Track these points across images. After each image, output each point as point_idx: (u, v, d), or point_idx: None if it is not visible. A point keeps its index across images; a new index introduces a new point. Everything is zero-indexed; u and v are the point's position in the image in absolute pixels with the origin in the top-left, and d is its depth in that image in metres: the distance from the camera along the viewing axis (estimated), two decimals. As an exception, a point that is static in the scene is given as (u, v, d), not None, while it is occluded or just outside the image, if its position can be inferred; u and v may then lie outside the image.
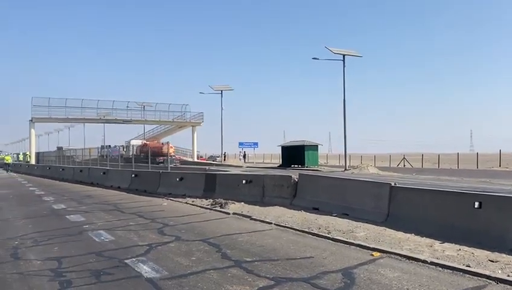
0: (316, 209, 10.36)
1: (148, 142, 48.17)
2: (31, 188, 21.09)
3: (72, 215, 11.12)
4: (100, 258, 6.64)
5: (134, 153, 34.20)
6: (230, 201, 11.97)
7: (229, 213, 10.85)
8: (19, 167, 45.62)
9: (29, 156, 52.66)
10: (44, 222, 10.34)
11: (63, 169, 29.66)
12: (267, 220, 9.53)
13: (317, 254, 6.64)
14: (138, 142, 50.38)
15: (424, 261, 6.06)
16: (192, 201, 13.19)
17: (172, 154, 36.92)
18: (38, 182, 26.22)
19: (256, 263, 6.18)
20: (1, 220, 10.81)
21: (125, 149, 37.66)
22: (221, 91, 51.01)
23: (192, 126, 62.93)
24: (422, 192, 8.66)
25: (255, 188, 12.53)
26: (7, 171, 43.73)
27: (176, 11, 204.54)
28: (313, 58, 35.36)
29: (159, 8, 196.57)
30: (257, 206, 11.47)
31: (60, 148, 55.10)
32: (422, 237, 7.51)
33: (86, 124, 61.58)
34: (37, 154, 51.67)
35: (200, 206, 12.28)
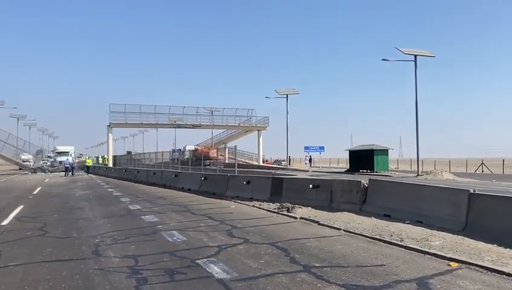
0: (387, 216, 10.01)
1: (198, 147, 52.69)
2: (109, 189, 22.42)
3: (146, 216, 11.67)
4: (173, 257, 6.89)
5: (188, 156, 37.11)
6: (297, 205, 11.93)
7: (296, 217, 10.80)
8: (98, 170, 48.75)
9: (107, 159, 56.11)
10: (122, 222, 10.94)
11: (137, 172, 31.25)
12: (336, 226, 9.36)
13: (389, 262, 6.40)
14: (191, 147, 56.12)
15: (509, 274, 5.62)
16: (259, 204, 13.30)
17: (218, 157, 39.61)
18: (115, 183, 27.83)
19: (325, 268, 6.09)
20: (83, 219, 11.60)
21: (181, 153, 40.99)
22: (287, 95, 51.05)
23: (258, 130, 63.67)
24: (506, 200, 8.04)
25: (323, 193, 12.38)
26: (87, 173, 47.01)
27: (246, 13, 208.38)
28: (382, 60, 34.26)
29: (235, 16, 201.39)
30: (325, 212, 11.32)
31: (129, 153, 58.14)
32: (505, 248, 6.98)
33: (158, 128, 64.53)
34: (114, 158, 54.96)
35: (267, 210, 12.36)
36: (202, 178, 19.04)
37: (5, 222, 11.02)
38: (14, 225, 10.68)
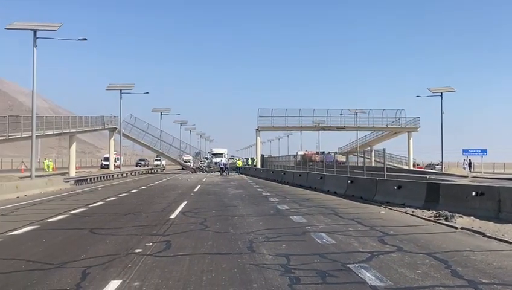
0: None
1: (306, 152, 57.68)
2: (258, 189, 23.61)
3: (295, 217, 11.94)
4: (323, 259, 6.89)
5: (299, 160, 42.37)
6: (456, 214, 10.86)
7: (456, 227, 9.84)
8: (248, 170, 51.77)
9: (256, 160, 59.19)
10: (272, 221, 11.39)
11: (284, 173, 32.28)
12: (506, 239, 8.25)
13: None
14: (302, 152, 61.18)
15: None
16: (412, 211, 12.49)
17: (317, 160, 41.06)
18: (263, 184, 29.20)
19: (495, 286, 5.40)
20: (238, 216, 12.40)
21: (294, 157, 47.28)
22: (441, 93, 47.05)
23: (408, 132, 59.99)
24: None
25: (488, 202, 11.03)
26: (238, 173, 50.52)
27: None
28: None
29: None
30: (491, 223, 10.06)
31: (262, 156, 60.11)
32: None
33: (302, 131, 65.67)
34: (262, 159, 57.75)
35: (421, 218, 11.54)
36: (349, 181, 18.72)
37: (173, 216, 12.43)
38: (180, 218, 11.97)
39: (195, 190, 23.67)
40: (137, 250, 7.65)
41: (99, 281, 5.71)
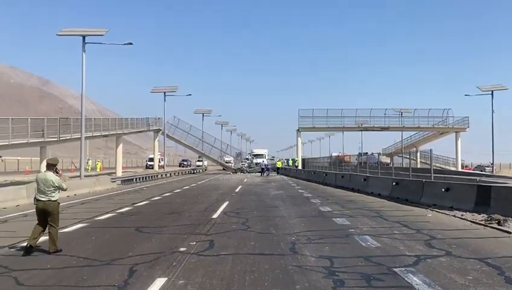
0: None
1: (339, 154, 56.75)
2: (299, 191, 23.47)
3: (337, 219, 11.76)
4: (368, 262, 6.74)
5: (333, 161, 42.72)
6: (510, 218, 10.34)
7: (509, 232, 9.34)
8: (289, 171, 51.59)
9: (297, 161, 58.91)
10: (314, 222, 11.28)
11: (325, 174, 31.92)
12: None
13: None
14: (335, 154, 60.15)
15: None
16: (461, 215, 11.99)
17: (351, 162, 40.65)
18: (304, 185, 28.99)
19: (555, 296, 5.08)
20: (279, 217, 12.37)
21: (329, 159, 47.96)
22: (492, 92, 44.96)
23: (456, 132, 57.75)
24: None
25: (545, 205, 10.41)
26: (278, 174, 50.54)
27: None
28: None
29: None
30: (548, 227, 9.50)
31: (303, 159, 59.55)
32: None
33: (344, 132, 64.71)
34: (303, 160, 57.40)
35: (471, 221, 11.05)
36: (393, 183, 18.24)
37: (215, 215, 12.58)
38: (222, 218, 12.09)
39: (237, 190, 23.85)
40: (182, 249, 7.80)
41: (145, 279, 5.86)
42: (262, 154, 70.29)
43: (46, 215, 7.63)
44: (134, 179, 32.66)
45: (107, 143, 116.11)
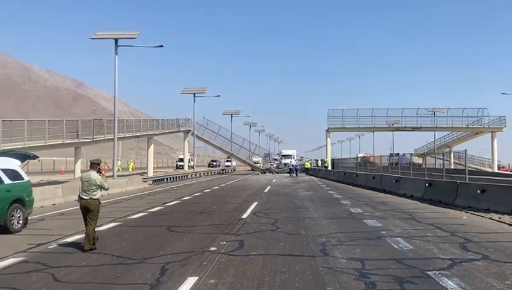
0: None
1: (366, 155, 57.27)
2: (329, 192, 23.24)
3: (368, 220, 11.57)
4: (400, 265, 6.61)
5: (359, 161, 42.29)
6: (551, 221, 9.92)
7: (550, 236, 8.98)
8: (318, 172, 51.16)
9: (327, 162, 58.40)
10: (345, 224, 11.14)
11: (356, 175, 31.48)
12: None
13: None
14: (361, 154, 60.57)
15: None
16: (499, 217, 11.59)
17: (376, 163, 39.46)
18: (334, 186, 28.69)
19: None
20: (309, 218, 12.29)
21: (355, 159, 47.26)
22: (530, 90, 43.25)
23: (491, 132, 55.84)
24: None
25: None
26: (307, 174, 50.31)
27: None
28: None
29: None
30: None
31: (332, 159, 58.89)
32: None
33: (375, 132, 63.67)
34: (332, 161, 56.82)
35: (509, 224, 10.67)
36: (426, 184, 17.80)
37: (244, 215, 12.62)
38: (251, 218, 12.12)
39: (266, 190, 23.85)
40: (212, 248, 7.87)
41: (177, 277, 5.94)
42: (291, 155, 69.96)
43: (88, 212, 7.97)
44: (165, 179, 33.16)
45: (138, 144, 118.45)
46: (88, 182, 7.96)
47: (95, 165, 8.24)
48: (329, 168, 51.93)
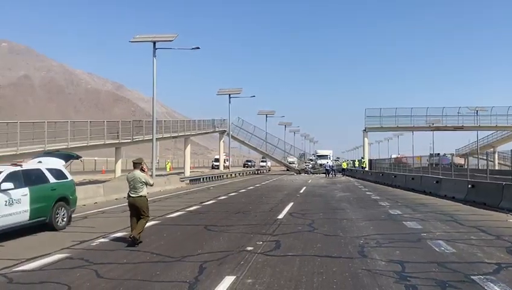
0: None
1: (399, 156, 57.05)
2: (367, 193, 22.82)
3: (408, 222, 11.28)
4: (442, 269, 6.41)
5: (392, 162, 42.35)
6: None
7: None
8: (355, 173, 50.39)
9: (364, 162, 57.45)
10: (383, 226, 10.91)
11: (394, 176, 30.78)
12: None
13: None
14: (395, 155, 60.74)
15: None
16: (548, 220, 11.04)
17: (408, 163, 38.19)
18: (372, 187, 28.17)
19: None
20: (347, 219, 12.11)
21: (389, 160, 47.36)
22: None
23: (539, 131, 53.27)
24: None
25: None
26: (343, 175, 49.66)
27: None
28: None
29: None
30: None
31: (370, 160, 57.67)
32: None
33: (414, 132, 62.06)
34: (370, 161, 55.79)
35: (559, 228, 10.14)
36: (469, 186, 17.17)
37: (280, 216, 12.60)
38: (287, 219, 12.08)
39: (301, 191, 23.71)
40: (249, 248, 7.90)
41: (215, 276, 6.00)
42: (327, 155, 69.15)
43: (136, 209, 8.45)
44: (202, 179, 33.61)
45: (175, 144, 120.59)
46: (134, 181, 8.43)
47: (137, 164, 8.68)
48: (367, 168, 51.05)
